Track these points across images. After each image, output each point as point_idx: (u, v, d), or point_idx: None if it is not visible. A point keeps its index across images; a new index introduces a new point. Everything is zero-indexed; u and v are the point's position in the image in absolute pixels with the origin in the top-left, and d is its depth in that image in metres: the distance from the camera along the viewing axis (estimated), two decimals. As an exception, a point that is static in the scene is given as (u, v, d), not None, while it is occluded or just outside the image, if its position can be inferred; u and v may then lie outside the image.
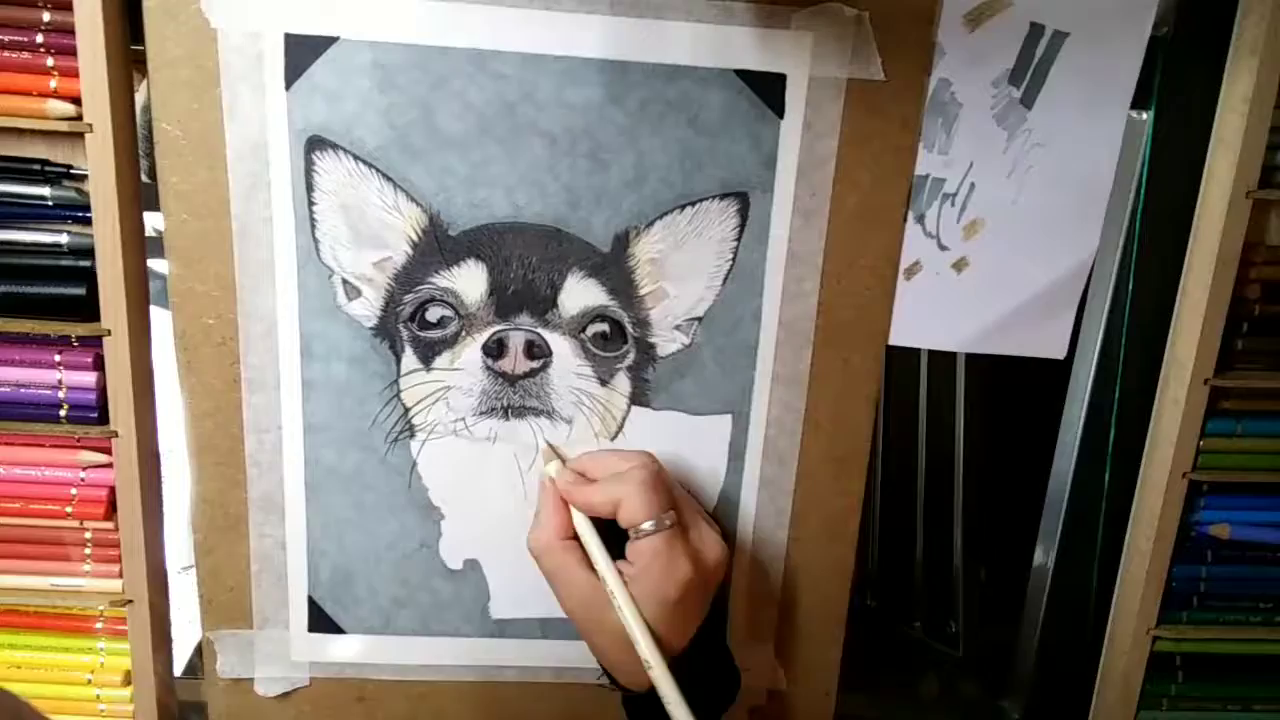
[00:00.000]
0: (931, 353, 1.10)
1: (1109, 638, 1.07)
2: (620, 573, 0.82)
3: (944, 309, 0.92)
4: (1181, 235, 0.96)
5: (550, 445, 0.89)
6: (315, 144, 0.81)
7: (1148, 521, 1.02)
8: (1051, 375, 1.06)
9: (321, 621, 0.92)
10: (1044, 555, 1.13)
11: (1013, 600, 1.17)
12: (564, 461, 0.88)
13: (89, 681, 0.95)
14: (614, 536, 0.83)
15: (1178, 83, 0.95)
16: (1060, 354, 0.98)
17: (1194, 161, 0.94)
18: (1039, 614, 1.14)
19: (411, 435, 0.88)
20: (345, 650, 0.93)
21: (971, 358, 1.10)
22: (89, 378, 0.88)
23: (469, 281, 0.84)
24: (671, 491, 0.85)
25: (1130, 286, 1.00)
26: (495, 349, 0.85)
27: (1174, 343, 0.99)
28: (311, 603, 0.91)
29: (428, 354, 0.86)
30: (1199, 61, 0.93)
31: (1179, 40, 0.94)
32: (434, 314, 0.85)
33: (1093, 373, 1.05)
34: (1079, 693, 1.12)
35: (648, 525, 0.81)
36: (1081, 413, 1.07)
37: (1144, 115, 0.96)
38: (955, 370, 1.14)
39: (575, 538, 0.85)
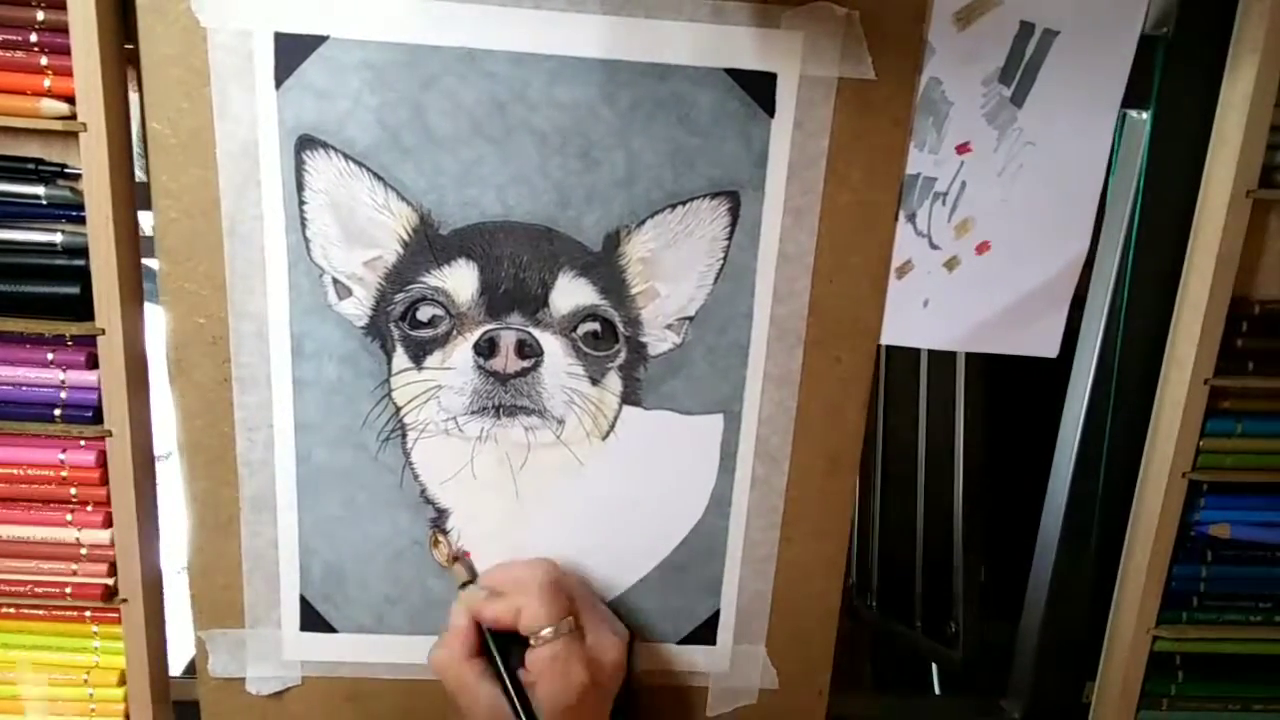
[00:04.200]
0: (931, 352, 1.09)
1: (1109, 637, 1.07)
2: (520, 683, 0.85)
3: (935, 308, 0.92)
4: (1181, 235, 0.95)
5: (461, 563, 0.91)
6: (305, 143, 0.81)
7: (1147, 521, 1.01)
8: (1051, 375, 1.05)
9: (313, 620, 0.92)
10: (1044, 555, 1.13)
11: (1012, 600, 1.16)
12: (473, 580, 0.91)
13: (85, 681, 0.95)
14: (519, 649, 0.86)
15: (1177, 82, 0.95)
16: (1053, 352, 0.98)
17: (1194, 161, 0.93)
18: (1039, 614, 1.13)
19: (403, 434, 0.88)
20: (337, 649, 0.93)
21: (971, 357, 1.09)
22: (83, 377, 0.88)
23: (460, 280, 0.84)
24: (572, 597, 0.88)
25: (1129, 286, 1.00)
26: (486, 348, 0.85)
27: (1174, 342, 0.98)
28: (303, 602, 0.91)
29: (419, 353, 0.86)
30: (1199, 61, 0.93)
31: (1179, 40, 0.94)
32: (425, 313, 0.85)
33: (1092, 372, 1.04)
34: (1079, 692, 1.12)
35: (546, 632, 0.84)
36: (1081, 412, 1.06)
37: (1143, 115, 0.95)
38: (955, 370, 1.13)
39: (479, 655, 0.87)
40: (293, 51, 0.79)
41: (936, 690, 1.20)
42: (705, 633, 0.95)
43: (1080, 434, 1.07)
